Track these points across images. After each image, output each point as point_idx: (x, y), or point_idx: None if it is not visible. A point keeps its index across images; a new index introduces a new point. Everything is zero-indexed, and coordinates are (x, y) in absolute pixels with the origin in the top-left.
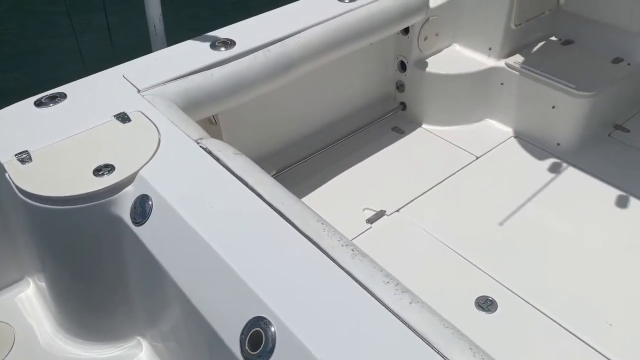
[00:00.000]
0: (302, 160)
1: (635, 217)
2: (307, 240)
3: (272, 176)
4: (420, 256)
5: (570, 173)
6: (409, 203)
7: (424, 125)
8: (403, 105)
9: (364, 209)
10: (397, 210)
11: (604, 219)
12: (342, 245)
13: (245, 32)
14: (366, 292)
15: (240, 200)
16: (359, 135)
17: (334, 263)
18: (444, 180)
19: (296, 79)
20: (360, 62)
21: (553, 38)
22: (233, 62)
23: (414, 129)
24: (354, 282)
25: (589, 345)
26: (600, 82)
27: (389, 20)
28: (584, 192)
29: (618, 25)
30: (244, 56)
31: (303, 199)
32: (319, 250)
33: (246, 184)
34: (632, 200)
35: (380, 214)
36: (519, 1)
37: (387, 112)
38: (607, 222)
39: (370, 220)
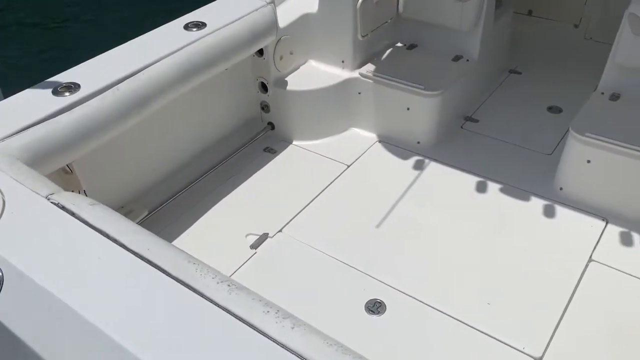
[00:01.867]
0: (176, 194)
1: (495, 199)
2: (179, 285)
3: (144, 217)
4: (308, 272)
5: (433, 167)
6: (290, 221)
7: (294, 142)
8: (271, 125)
9: (246, 235)
10: (280, 230)
11: (469, 206)
12: (218, 283)
13: (90, 72)
14: (246, 326)
15: (102, 254)
16: (232, 160)
17: (210, 303)
18: (321, 192)
19: (153, 114)
20: (220, 88)
21: (399, 44)
22: (80, 106)
23: (285, 147)
24: (233, 318)
25: (474, 328)
26: (445, 80)
27: (240, 44)
28: (448, 183)
29: (452, 27)
30: (91, 98)
31: (181, 235)
32: (193, 293)
33: (107, 235)
34: (490, 184)
35: (263, 238)
36: (361, 14)
37: (257, 133)
38: (472, 208)
39: (255, 246)
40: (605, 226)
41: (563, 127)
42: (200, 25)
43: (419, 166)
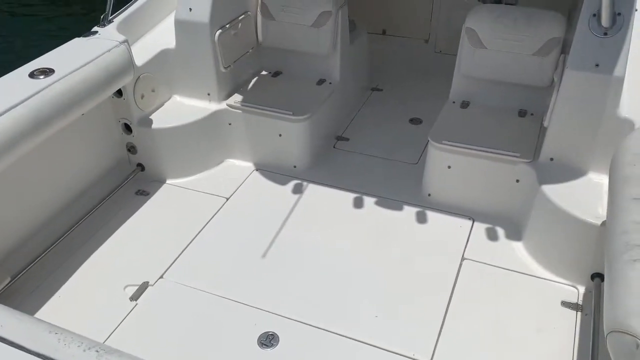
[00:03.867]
0: (43, 254)
1: (372, 212)
2: None
3: (6, 285)
4: (195, 316)
5: (312, 189)
6: (171, 265)
7: (168, 181)
8: (141, 167)
9: (125, 287)
10: (161, 277)
11: (348, 222)
12: (84, 350)
13: None
14: None
15: None
16: (102, 208)
17: None
18: (201, 230)
19: (4, 170)
20: (80, 134)
21: (263, 72)
22: None
23: (159, 187)
24: None
25: (366, 343)
26: (312, 104)
27: (94, 88)
28: (327, 202)
29: (312, 52)
30: None
31: (51, 299)
32: None
33: None
34: (366, 199)
35: (143, 287)
36: (220, 46)
37: (126, 177)
38: (352, 223)
39: (135, 297)
40: (472, 224)
41: (424, 137)
42: (47, 71)
43: (297, 190)
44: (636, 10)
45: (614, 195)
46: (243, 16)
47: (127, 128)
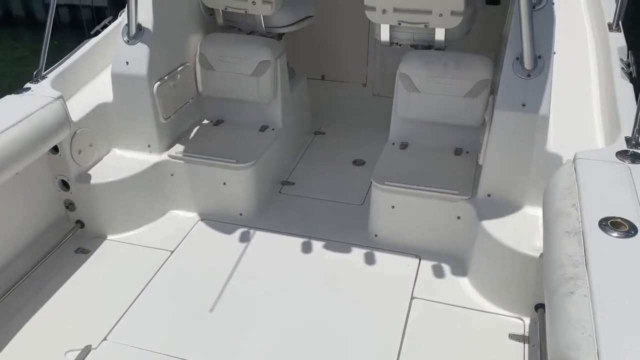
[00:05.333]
0: None
1: (321, 256)
2: None
3: None
4: None
5: (259, 237)
6: (115, 326)
7: (109, 237)
8: (80, 224)
9: (65, 352)
10: (105, 339)
11: (297, 269)
12: None
13: None
14: None
15: None
16: (39, 270)
17: None
18: (145, 286)
19: None
20: (13, 193)
21: (205, 121)
22: None
23: (99, 243)
24: None
25: None
26: (255, 151)
27: (28, 146)
28: (275, 250)
29: (253, 100)
30: None
31: None
32: None
33: None
34: (314, 243)
35: (86, 351)
36: (159, 98)
37: (65, 235)
38: (301, 270)
39: None
40: (420, 263)
41: (368, 178)
42: None
43: (244, 238)
44: (554, 53)
45: (548, 229)
46: (182, 67)
47: (65, 185)
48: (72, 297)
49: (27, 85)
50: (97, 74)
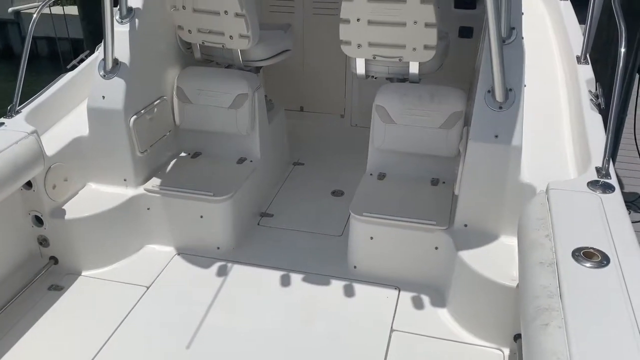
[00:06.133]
0: None
1: (299, 289)
2: None
3: None
4: None
5: (237, 270)
6: None
7: (84, 273)
8: (54, 260)
9: None
10: None
11: (276, 302)
12: None
13: None
14: None
15: None
16: (10, 309)
17: None
18: (120, 323)
19: None
20: None
21: (182, 154)
22: None
23: (74, 280)
24: None
25: None
26: (233, 183)
27: (1, 181)
28: (253, 283)
29: (231, 132)
30: None
31: None
32: None
33: None
34: (293, 276)
35: None
36: (136, 131)
37: (37, 272)
38: (279, 303)
39: None
40: (399, 294)
41: (347, 209)
42: None
43: (222, 272)
44: (525, 85)
45: (523, 260)
46: (159, 101)
47: (38, 220)
48: (46, 335)
49: (1, 120)
50: (73, 108)
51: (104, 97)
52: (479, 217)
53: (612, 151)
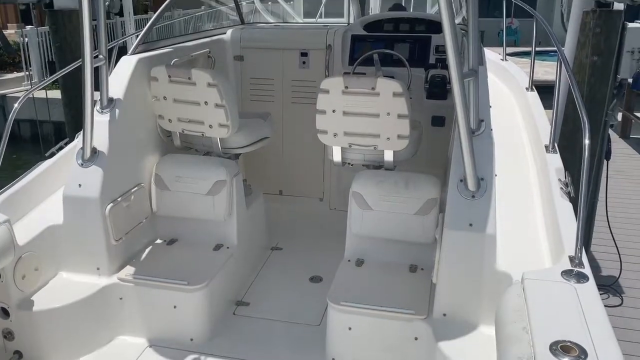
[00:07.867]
0: None
1: None
2: None
3: None
4: None
5: None
6: None
7: None
8: (19, 354)
9: None
10: None
11: None
12: None
13: None
14: None
15: None
16: None
17: None
18: None
19: None
20: None
21: (158, 241)
22: None
23: None
24: None
25: None
26: (209, 271)
27: None
28: None
29: (208, 218)
30: None
31: None
32: None
33: None
34: None
35: None
36: (111, 219)
37: None
38: None
39: None
40: None
41: (325, 296)
42: None
43: None
44: (496, 175)
45: (501, 354)
46: (136, 188)
47: (4, 312)
48: None
49: None
50: (49, 196)
51: (80, 185)
52: (457, 306)
53: (587, 237)
